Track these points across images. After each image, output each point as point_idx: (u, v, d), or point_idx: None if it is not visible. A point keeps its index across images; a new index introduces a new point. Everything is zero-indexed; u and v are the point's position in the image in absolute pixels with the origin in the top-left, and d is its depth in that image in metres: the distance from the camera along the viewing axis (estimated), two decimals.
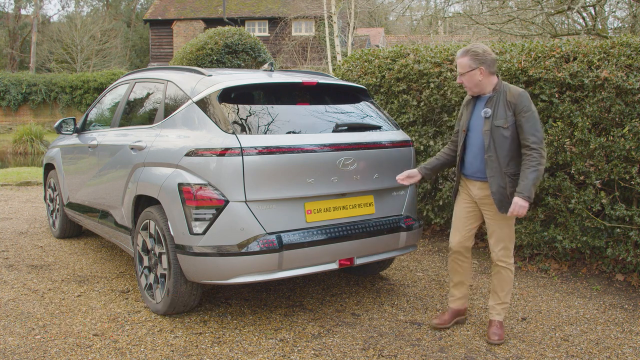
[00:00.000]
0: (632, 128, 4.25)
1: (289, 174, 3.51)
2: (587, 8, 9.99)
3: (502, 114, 3.33)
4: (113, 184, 4.48)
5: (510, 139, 3.32)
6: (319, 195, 3.66)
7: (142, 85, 4.75)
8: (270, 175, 3.46)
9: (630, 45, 4.41)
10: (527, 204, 3.24)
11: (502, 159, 3.33)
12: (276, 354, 3.32)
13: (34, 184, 9.84)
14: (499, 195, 3.37)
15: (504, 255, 3.52)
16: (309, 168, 3.58)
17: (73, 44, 34.67)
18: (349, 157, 3.72)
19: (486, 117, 3.38)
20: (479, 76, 3.37)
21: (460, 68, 3.41)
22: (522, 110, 3.28)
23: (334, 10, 24.01)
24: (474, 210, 3.59)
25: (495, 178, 3.36)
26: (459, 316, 3.74)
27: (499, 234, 3.49)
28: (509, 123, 3.30)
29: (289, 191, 3.52)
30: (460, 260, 3.66)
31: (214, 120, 3.57)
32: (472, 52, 3.37)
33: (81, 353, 3.31)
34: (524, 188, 3.24)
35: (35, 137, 19.31)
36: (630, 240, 4.40)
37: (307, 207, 3.61)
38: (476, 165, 3.48)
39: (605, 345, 3.53)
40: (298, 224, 3.57)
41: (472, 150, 3.50)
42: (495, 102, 3.36)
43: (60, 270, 4.86)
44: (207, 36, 11.25)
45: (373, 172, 3.86)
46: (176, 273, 3.62)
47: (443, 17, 15.39)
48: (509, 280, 3.54)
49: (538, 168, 3.24)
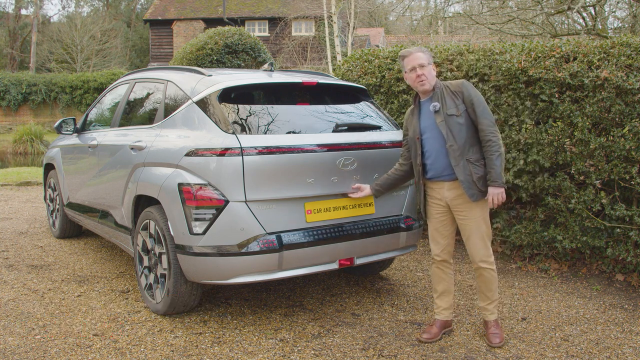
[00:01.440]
0: (632, 128, 4.25)
1: (289, 174, 3.51)
2: (587, 8, 9.99)
3: (451, 103, 3.38)
4: (113, 184, 4.48)
5: (466, 126, 3.35)
6: (319, 196, 3.66)
7: (142, 85, 4.75)
8: (270, 175, 3.46)
9: (630, 45, 4.41)
10: (502, 190, 3.30)
11: (462, 146, 3.35)
12: (276, 354, 3.32)
13: (34, 184, 9.84)
14: (466, 183, 3.36)
15: (484, 255, 3.46)
16: (309, 168, 3.58)
17: (73, 44, 34.67)
18: (349, 157, 3.72)
19: (436, 110, 3.41)
20: (433, 71, 3.47)
21: (425, 60, 3.44)
22: (470, 95, 3.36)
23: (334, 10, 24.00)
24: (447, 218, 3.55)
25: (460, 167, 3.36)
26: (447, 328, 3.65)
27: (476, 233, 3.43)
28: (461, 110, 3.36)
29: (289, 191, 3.52)
30: (445, 267, 3.62)
31: (214, 120, 3.57)
32: (424, 48, 3.50)
33: (81, 353, 3.32)
34: (495, 176, 3.28)
35: (35, 137, 19.30)
36: (630, 240, 4.40)
37: (307, 207, 3.61)
38: (440, 164, 3.44)
39: (605, 345, 3.53)
40: (298, 224, 3.57)
41: (432, 151, 3.46)
42: (440, 95, 3.42)
43: (60, 270, 4.86)
44: (207, 36, 11.24)
45: (373, 172, 3.86)
46: (176, 273, 3.62)
47: (443, 17, 15.38)
48: (493, 280, 3.49)
49: (500, 152, 3.30)
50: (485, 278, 3.49)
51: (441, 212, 3.56)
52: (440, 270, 3.63)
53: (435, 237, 3.61)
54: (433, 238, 3.63)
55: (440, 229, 3.58)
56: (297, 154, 3.53)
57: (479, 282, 3.54)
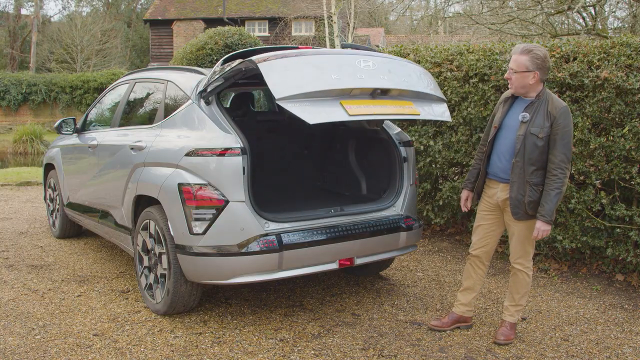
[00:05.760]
0: (632, 128, 4.25)
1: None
2: (587, 8, 9.99)
3: (539, 122, 3.24)
4: (113, 184, 4.48)
5: (542, 149, 3.24)
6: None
7: (142, 85, 4.75)
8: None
9: (630, 45, 4.41)
10: (549, 227, 3.26)
11: (527, 166, 3.27)
12: (276, 354, 3.32)
13: (34, 184, 9.83)
14: (515, 202, 3.32)
15: (521, 258, 3.47)
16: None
17: (73, 44, 34.64)
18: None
19: (523, 121, 3.28)
20: (530, 80, 3.25)
21: (515, 65, 3.28)
22: (561, 125, 3.20)
23: (334, 10, 24.00)
24: (495, 216, 3.53)
25: (516, 184, 3.31)
26: (460, 323, 3.68)
27: (519, 237, 3.43)
28: (544, 134, 3.22)
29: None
30: (477, 266, 3.62)
31: (214, 120, 3.57)
32: (534, 54, 3.24)
33: (81, 353, 3.31)
34: (547, 212, 3.22)
35: (35, 137, 19.28)
36: (630, 240, 4.40)
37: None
38: (500, 165, 3.41)
39: (605, 345, 3.53)
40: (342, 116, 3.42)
41: (499, 149, 3.43)
42: (536, 109, 3.27)
43: (60, 270, 4.86)
44: (207, 36, 11.24)
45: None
46: (176, 273, 3.62)
47: (443, 17, 15.38)
48: (525, 284, 3.50)
49: (561, 190, 3.22)
50: (518, 279, 3.50)
51: (488, 211, 3.55)
52: (471, 267, 3.64)
53: (478, 229, 3.61)
54: (475, 229, 3.63)
55: (485, 225, 3.57)
56: None
57: (511, 282, 3.55)
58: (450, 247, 5.63)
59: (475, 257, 3.62)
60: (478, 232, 3.60)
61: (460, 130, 5.23)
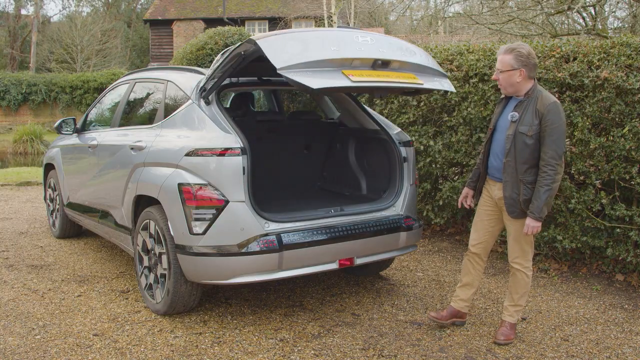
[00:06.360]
0: (632, 128, 4.25)
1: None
2: (587, 8, 9.98)
3: (528, 120, 3.24)
4: (113, 184, 4.48)
5: (532, 147, 3.24)
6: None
7: (142, 85, 4.75)
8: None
9: (630, 45, 4.41)
10: (539, 223, 3.26)
11: (519, 165, 3.28)
12: (276, 354, 3.32)
13: (34, 184, 9.83)
14: (510, 200, 3.35)
15: (519, 258, 3.48)
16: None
17: (73, 44, 34.62)
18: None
19: (512, 120, 3.31)
20: (517, 77, 3.27)
21: (501, 65, 3.30)
22: (549, 121, 3.20)
23: (334, 10, 24.01)
24: (495, 213, 3.56)
25: (509, 183, 3.33)
26: (457, 318, 3.72)
27: (515, 235, 3.45)
28: (534, 132, 3.22)
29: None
30: (475, 262, 3.65)
31: (214, 120, 3.57)
32: (517, 52, 3.26)
33: (81, 353, 3.32)
34: (535, 208, 3.23)
35: (35, 137, 19.27)
36: (630, 240, 4.40)
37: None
38: (496, 165, 3.47)
39: (605, 345, 3.53)
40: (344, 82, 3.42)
41: (494, 150, 3.48)
42: (525, 107, 3.28)
43: (60, 270, 4.86)
44: (207, 36, 11.24)
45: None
46: (176, 273, 3.62)
47: (443, 17, 15.38)
48: (524, 284, 3.51)
49: (552, 186, 3.21)
50: (517, 279, 3.51)
51: (487, 208, 3.58)
52: (470, 264, 3.66)
53: (477, 226, 3.64)
54: (474, 225, 3.66)
55: (485, 221, 3.60)
56: None
57: (510, 282, 3.57)
58: (450, 247, 5.63)
59: (473, 254, 3.64)
60: (477, 228, 3.63)
61: (460, 130, 5.23)
